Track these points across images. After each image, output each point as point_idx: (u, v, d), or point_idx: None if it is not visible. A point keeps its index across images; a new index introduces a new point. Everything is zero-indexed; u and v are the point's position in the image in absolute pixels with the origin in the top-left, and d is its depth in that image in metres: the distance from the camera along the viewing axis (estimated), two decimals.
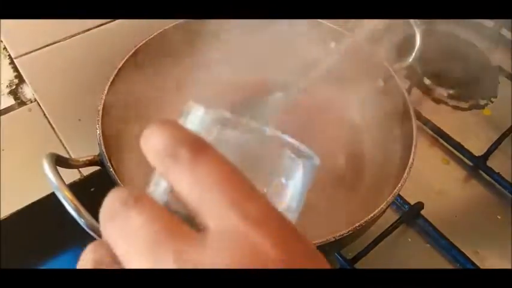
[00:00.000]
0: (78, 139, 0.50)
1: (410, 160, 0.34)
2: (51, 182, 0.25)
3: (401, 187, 0.32)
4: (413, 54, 0.42)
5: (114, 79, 0.37)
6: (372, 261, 0.41)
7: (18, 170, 0.49)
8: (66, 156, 0.38)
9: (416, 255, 0.43)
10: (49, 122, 0.48)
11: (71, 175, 0.52)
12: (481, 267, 0.41)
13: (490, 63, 0.59)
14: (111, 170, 0.30)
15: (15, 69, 0.44)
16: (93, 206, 0.27)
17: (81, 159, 0.31)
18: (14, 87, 0.45)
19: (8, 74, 0.44)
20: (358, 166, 0.41)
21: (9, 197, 0.51)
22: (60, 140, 0.50)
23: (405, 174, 0.33)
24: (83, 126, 0.49)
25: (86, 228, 0.25)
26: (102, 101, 0.35)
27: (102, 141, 0.32)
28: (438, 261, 0.42)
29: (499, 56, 0.60)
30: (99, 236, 0.25)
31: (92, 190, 0.51)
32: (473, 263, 0.41)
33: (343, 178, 0.40)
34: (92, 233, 0.25)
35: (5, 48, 0.42)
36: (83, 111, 0.49)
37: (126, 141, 0.39)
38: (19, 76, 0.44)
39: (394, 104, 0.40)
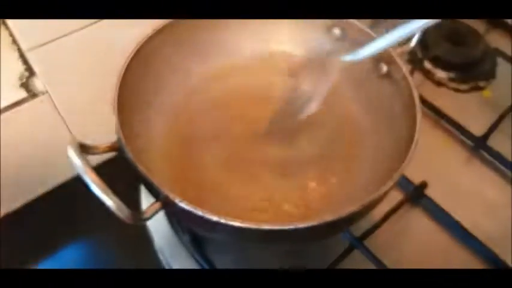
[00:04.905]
0: (87, 129, 0.52)
1: (414, 141, 0.35)
2: (78, 166, 0.26)
3: (405, 168, 0.33)
4: (414, 39, 0.43)
5: (125, 71, 0.38)
6: (379, 239, 0.42)
7: (32, 161, 0.50)
8: None
9: (421, 232, 0.44)
10: (59, 114, 0.49)
11: None
12: (482, 239, 0.42)
13: (489, 45, 0.60)
14: (130, 154, 0.31)
15: (25, 62, 0.45)
16: None
17: (100, 146, 0.32)
18: (24, 80, 0.46)
19: (18, 68, 0.45)
20: (365, 149, 0.43)
21: (22, 187, 0.52)
22: (70, 131, 0.51)
23: (409, 154, 0.34)
24: (93, 116, 0.51)
25: (112, 208, 0.26)
26: (117, 91, 0.36)
27: (119, 127, 0.33)
28: (442, 237, 0.44)
29: (497, 38, 0.62)
30: (124, 217, 0.27)
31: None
32: (474, 237, 0.43)
33: (355, 157, 0.42)
34: (118, 214, 0.26)
35: (14, 42, 0.43)
36: (93, 102, 0.50)
37: (137, 128, 0.40)
38: (29, 69, 0.45)
39: (398, 87, 0.41)
